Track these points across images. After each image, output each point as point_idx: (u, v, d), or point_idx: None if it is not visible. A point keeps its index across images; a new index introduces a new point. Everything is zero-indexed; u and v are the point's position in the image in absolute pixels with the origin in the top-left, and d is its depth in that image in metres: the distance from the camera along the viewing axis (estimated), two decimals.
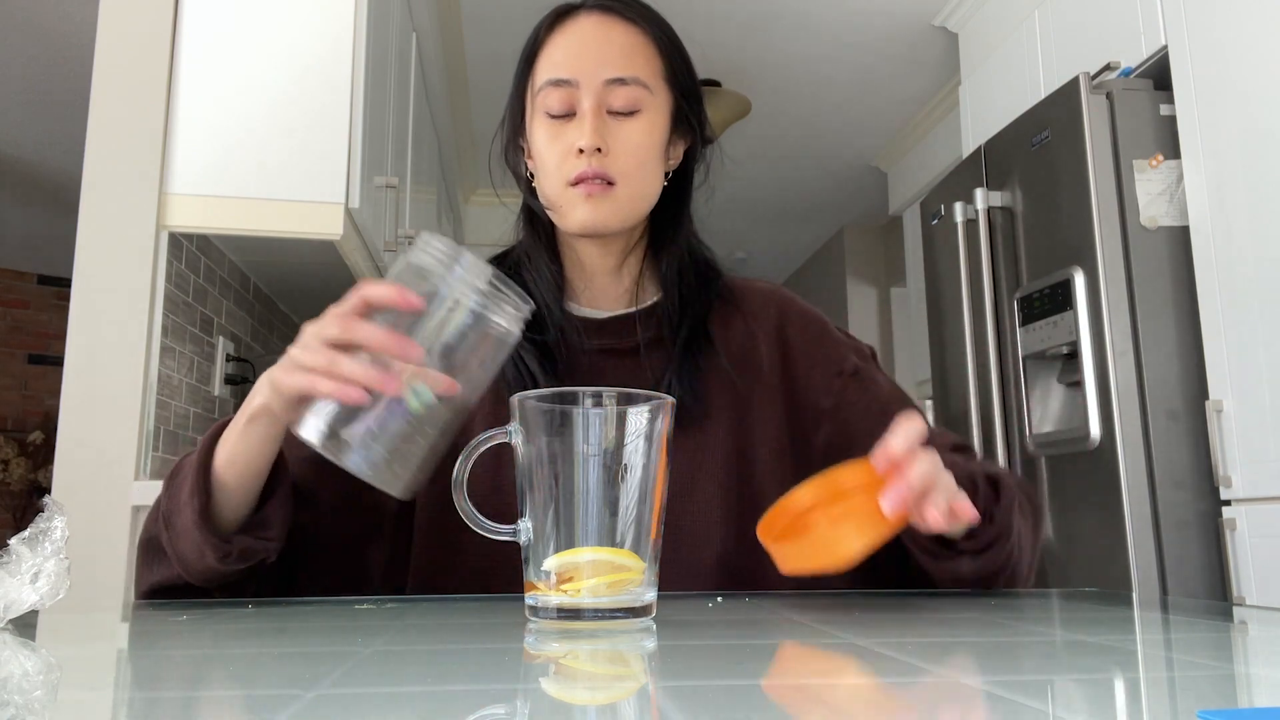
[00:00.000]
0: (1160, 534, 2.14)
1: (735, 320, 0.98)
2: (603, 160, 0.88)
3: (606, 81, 0.89)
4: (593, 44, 0.90)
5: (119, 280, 1.88)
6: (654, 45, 0.93)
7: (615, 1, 0.93)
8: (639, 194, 0.91)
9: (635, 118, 0.90)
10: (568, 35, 0.91)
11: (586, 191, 0.88)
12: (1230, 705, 0.36)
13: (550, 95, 0.89)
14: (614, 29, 0.91)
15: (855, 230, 5.95)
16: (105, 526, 1.74)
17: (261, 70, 2.01)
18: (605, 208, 0.89)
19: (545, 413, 0.59)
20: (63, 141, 4.36)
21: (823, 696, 0.38)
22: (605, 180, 0.88)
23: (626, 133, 0.89)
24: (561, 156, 0.89)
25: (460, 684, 0.39)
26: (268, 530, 0.78)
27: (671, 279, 0.96)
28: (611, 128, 0.89)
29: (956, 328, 2.84)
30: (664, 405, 0.60)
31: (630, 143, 0.89)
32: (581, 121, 0.88)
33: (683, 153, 0.98)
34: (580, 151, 0.87)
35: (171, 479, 0.79)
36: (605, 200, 0.88)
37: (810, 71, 4.00)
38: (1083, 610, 0.67)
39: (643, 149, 0.90)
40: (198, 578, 0.77)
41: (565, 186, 0.89)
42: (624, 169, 0.89)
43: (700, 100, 0.98)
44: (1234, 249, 2.10)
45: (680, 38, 0.97)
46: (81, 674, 0.47)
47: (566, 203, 0.89)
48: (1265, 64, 2.05)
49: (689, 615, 0.63)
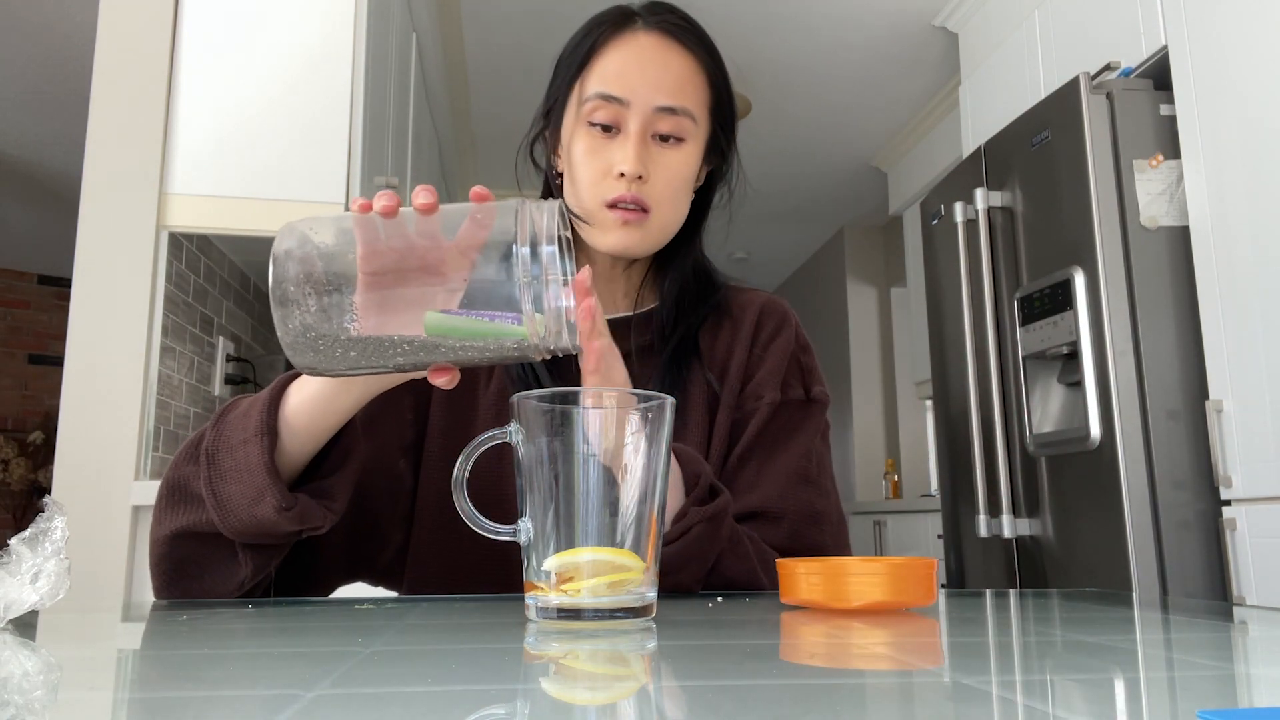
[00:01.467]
0: (1160, 534, 2.14)
1: (723, 331, 0.99)
2: (642, 187, 0.88)
3: (658, 108, 0.89)
4: (651, 66, 0.90)
5: (119, 280, 1.88)
6: (705, 76, 0.93)
7: (677, 23, 0.92)
8: (670, 223, 0.93)
9: (679, 146, 0.91)
10: (626, 50, 0.90)
11: (623, 218, 0.88)
12: (1230, 705, 0.36)
13: (599, 108, 0.89)
14: (672, 54, 0.91)
15: (855, 230, 5.95)
16: (105, 526, 1.74)
17: (262, 70, 2.01)
18: (637, 234, 0.90)
19: (545, 413, 0.59)
20: (63, 141, 4.36)
21: (823, 696, 0.38)
22: (642, 207, 0.89)
23: (668, 161, 0.90)
24: (600, 174, 0.89)
25: (460, 684, 0.39)
26: (333, 500, 0.74)
27: (671, 292, 0.97)
28: (654, 154, 0.89)
29: (957, 328, 2.84)
30: (664, 405, 0.61)
31: (670, 171, 0.90)
32: (626, 144, 0.88)
33: (706, 174, 0.99)
34: (621, 175, 0.88)
35: (221, 419, 0.74)
36: (639, 227, 0.89)
37: (811, 71, 4.00)
38: (1083, 610, 0.67)
39: (680, 178, 0.91)
40: (235, 527, 0.70)
41: (601, 206, 0.89)
42: (660, 197, 0.90)
43: (734, 129, 0.99)
44: (1234, 249, 2.10)
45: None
46: (81, 674, 0.47)
47: (600, 223, 0.90)
48: (1265, 64, 2.05)
49: (689, 615, 0.63)
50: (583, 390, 0.60)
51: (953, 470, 2.92)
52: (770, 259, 6.59)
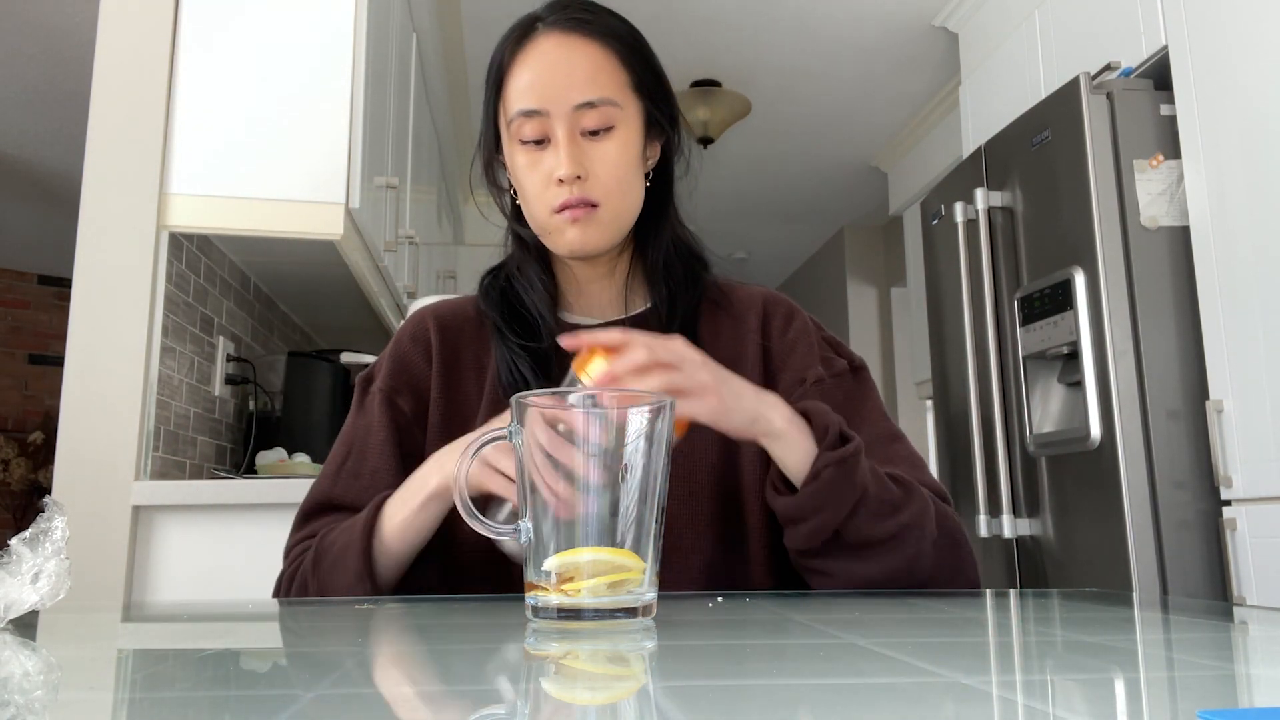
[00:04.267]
0: (1160, 534, 2.14)
1: (724, 325, 0.99)
2: (583, 186, 0.89)
3: (576, 107, 0.89)
4: (559, 68, 0.89)
5: (119, 280, 1.88)
6: (617, 58, 0.92)
7: (576, 16, 0.92)
8: (623, 210, 0.93)
9: (609, 136, 0.90)
10: (531, 60, 0.90)
11: (571, 217, 0.89)
12: (1230, 705, 0.35)
13: (523, 125, 0.90)
14: (575, 49, 0.90)
15: (855, 230, 5.95)
16: (105, 526, 1.74)
17: (262, 70, 2.01)
18: (591, 230, 0.90)
19: (546, 413, 0.59)
20: (63, 141, 4.36)
21: (823, 696, 0.38)
22: (588, 204, 0.89)
23: (602, 153, 0.90)
24: (542, 185, 0.90)
25: (460, 684, 0.39)
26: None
27: (659, 272, 0.97)
28: (587, 150, 0.90)
29: (957, 328, 2.84)
30: (665, 406, 0.61)
31: (607, 162, 0.90)
32: (556, 150, 0.89)
33: (659, 149, 0.98)
34: (560, 181, 0.88)
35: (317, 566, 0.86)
36: (591, 223, 0.90)
37: (811, 72, 4.00)
38: (1083, 610, 0.67)
39: (620, 166, 0.91)
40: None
41: (550, 214, 0.90)
42: (605, 189, 0.90)
43: (671, 97, 0.98)
44: (1234, 249, 2.10)
45: (646, 39, 0.96)
46: (81, 674, 0.47)
47: (553, 229, 0.91)
48: (1266, 64, 2.04)
49: (689, 615, 0.63)
50: (583, 391, 0.60)
51: (953, 470, 2.92)
52: (770, 259, 6.59)
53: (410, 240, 2.82)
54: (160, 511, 1.79)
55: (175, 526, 1.79)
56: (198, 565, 1.77)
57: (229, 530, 1.78)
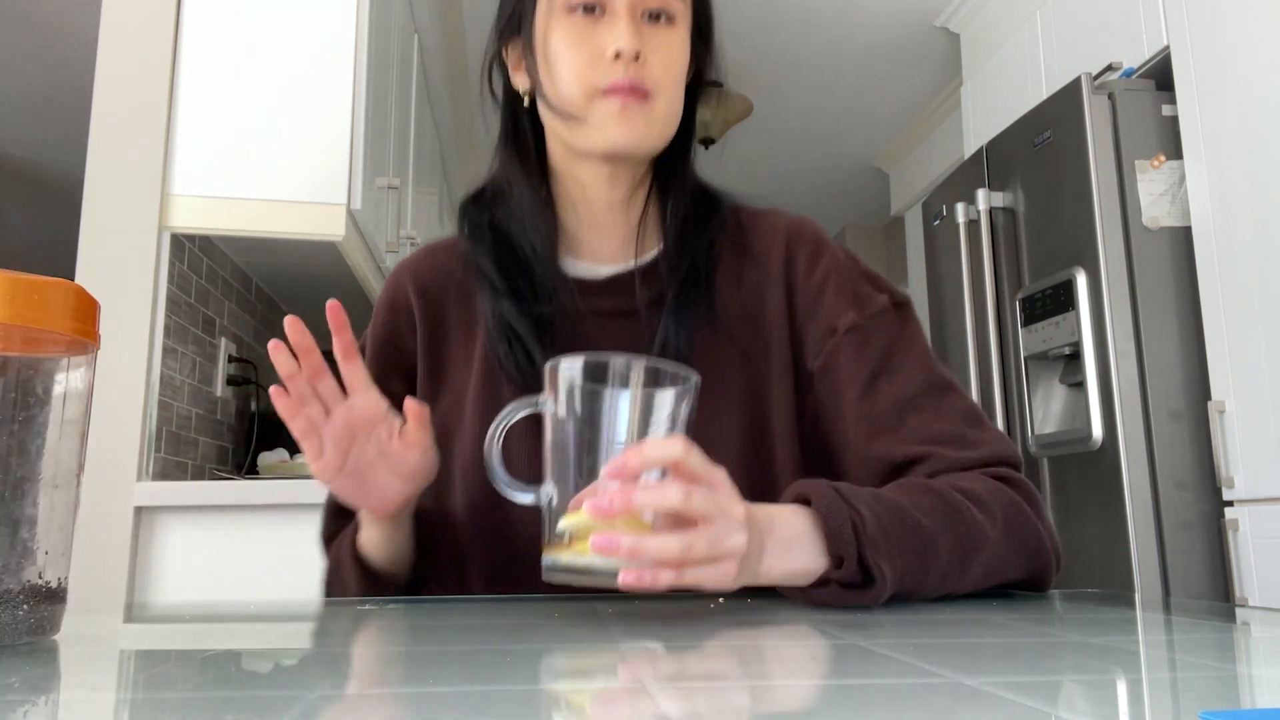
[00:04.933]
0: (1162, 535, 2.13)
1: (747, 271, 0.88)
2: (640, 69, 0.78)
3: None
4: None
5: (121, 281, 1.88)
6: None
7: None
8: (672, 113, 0.82)
9: (670, 26, 0.81)
10: None
11: (622, 104, 0.78)
12: (1232, 706, 0.35)
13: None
14: None
15: (857, 231, 5.95)
16: (106, 527, 1.74)
17: (264, 71, 2.01)
18: (641, 124, 0.79)
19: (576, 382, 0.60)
20: (65, 142, 4.36)
21: (823, 696, 0.38)
22: (641, 91, 0.78)
23: (664, 40, 0.80)
24: (590, 60, 0.78)
25: (462, 684, 0.39)
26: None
27: (677, 214, 0.86)
28: (647, 34, 0.79)
29: (958, 328, 2.84)
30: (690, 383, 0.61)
31: (668, 52, 0.80)
32: (616, 21, 0.78)
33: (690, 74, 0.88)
34: (616, 56, 0.77)
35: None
36: (641, 116, 0.79)
37: (812, 72, 4.00)
38: (1084, 611, 0.67)
39: (676, 62, 0.82)
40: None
41: (594, 96, 0.78)
42: (661, 81, 0.79)
43: (711, 24, 0.89)
44: (1236, 249, 2.10)
45: None
46: (83, 674, 0.47)
47: (595, 116, 0.79)
48: (1267, 64, 2.04)
49: (689, 615, 0.63)
50: (611, 360, 0.60)
51: None
52: None
53: (412, 241, 2.82)
54: (162, 512, 1.79)
55: (177, 527, 1.79)
56: (200, 566, 1.77)
57: (231, 531, 1.78)
